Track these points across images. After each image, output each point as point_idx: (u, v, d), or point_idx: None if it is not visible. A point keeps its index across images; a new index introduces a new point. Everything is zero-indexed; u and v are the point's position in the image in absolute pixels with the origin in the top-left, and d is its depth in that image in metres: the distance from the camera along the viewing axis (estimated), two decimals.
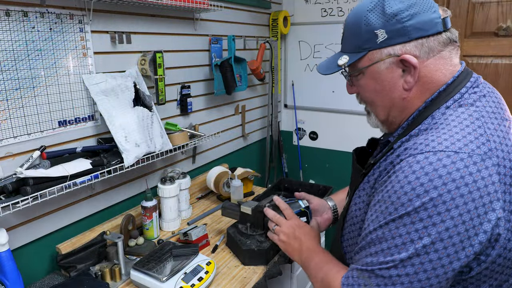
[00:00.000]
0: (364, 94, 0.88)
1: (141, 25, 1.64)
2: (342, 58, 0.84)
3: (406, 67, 0.79)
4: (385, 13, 0.77)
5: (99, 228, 1.52)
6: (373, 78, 0.83)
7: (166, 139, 1.64)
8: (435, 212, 0.67)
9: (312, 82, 2.81)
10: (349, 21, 0.85)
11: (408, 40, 0.77)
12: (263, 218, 1.44)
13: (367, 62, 0.82)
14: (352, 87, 0.91)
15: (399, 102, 0.83)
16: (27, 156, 1.26)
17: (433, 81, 0.80)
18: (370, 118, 0.93)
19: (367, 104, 0.91)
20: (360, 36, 0.81)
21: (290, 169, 3.07)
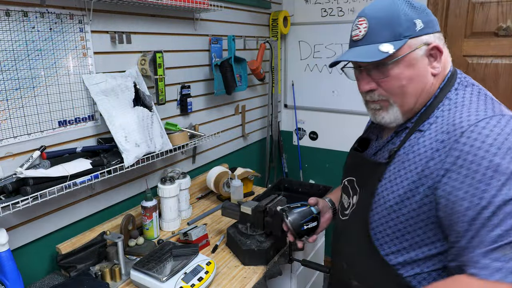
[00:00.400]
0: (394, 85, 0.89)
1: (141, 25, 1.64)
2: (384, 45, 0.85)
3: (431, 55, 0.88)
4: (414, 7, 0.87)
5: (99, 228, 1.52)
6: (410, 66, 0.87)
7: (166, 139, 1.64)
8: None
9: (312, 82, 2.81)
10: (378, 14, 0.88)
11: (434, 31, 0.88)
12: (263, 218, 1.44)
13: (407, 49, 0.86)
14: (371, 82, 0.92)
15: (428, 88, 0.90)
16: (27, 156, 1.26)
17: (445, 68, 0.92)
18: (387, 112, 0.93)
19: (393, 95, 0.91)
20: (400, 25, 0.85)
21: (290, 169, 3.07)
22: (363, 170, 1.02)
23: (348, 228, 1.04)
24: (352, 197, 1.05)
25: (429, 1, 2.30)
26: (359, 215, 0.98)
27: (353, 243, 1.00)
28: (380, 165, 0.94)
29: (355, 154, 1.10)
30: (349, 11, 2.56)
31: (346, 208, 1.07)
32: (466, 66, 2.31)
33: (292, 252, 1.43)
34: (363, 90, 0.93)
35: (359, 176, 1.03)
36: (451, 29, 2.31)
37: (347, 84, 2.64)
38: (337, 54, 2.65)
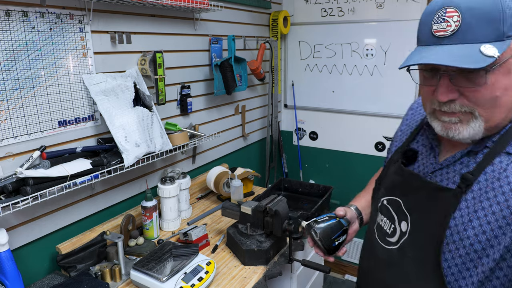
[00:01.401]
0: (484, 94, 0.71)
1: (141, 25, 1.64)
2: (487, 47, 0.66)
3: None
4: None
5: (99, 228, 1.52)
6: (508, 73, 0.70)
7: (166, 139, 1.64)
8: None
9: (312, 82, 2.81)
10: (476, 5, 0.68)
11: None
12: (263, 218, 1.44)
13: (509, 53, 0.68)
14: (452, 91, 0.72)
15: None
16: (27, 156, 1.26)
17: None
18: (468, 126, 0.74)
19: (480, 106, 0.72)
20: (504, 21, 0.66)
21: (290, 169, 3.07)
22: (419, 193, 0.82)
23: (400, 261, 0.85)
24: (399, 223, 0.86)
25: (429, 1, 2.30)
26: (423, 249, 0.80)
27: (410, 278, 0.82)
28: (451, 192, 0.75)
29: (405, 171, 0.88)
30: (349, 11, 2.56)
31: (389, 234, 0.89)
32: None
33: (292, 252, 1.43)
34: (443, 99, 0.73)
35: (410, 199, 0.84)
36: None
37: (347, 84, 2.65)
38: (337, 54, 2.65)
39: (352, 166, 2.79)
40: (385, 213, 0.91)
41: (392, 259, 0.87)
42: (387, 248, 0.89)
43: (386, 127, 2.59)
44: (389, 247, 0.88)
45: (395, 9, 2.39)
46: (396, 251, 0.86)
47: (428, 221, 0.79)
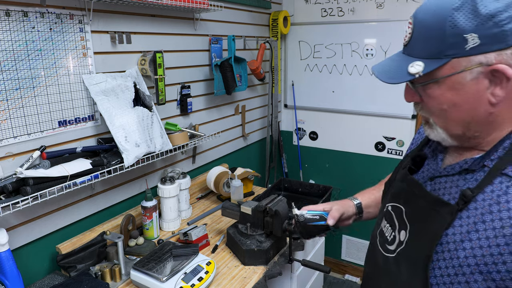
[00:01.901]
0: (434, 106, 0.74)
1: (141, 25, 1.64)
2: (414, 65, 0.70)
3: (495, 78, 0.66)
4: (478, 14, 0.64)
5: (99, 228, 1.52)
6: (453, 89, 0.69)
7: (166, 139, 1.64)
8: None
9: (312, 82, 2.81)
10: (424, 19, 0.70)
11: (505, 47, 0.64)
12: (263, 218, 1.44)
13: (449, 70, 0.68)
14: (414, 95, 0.76)
15: (483, 117, 0.70)
16: (27, 156, 1.26)
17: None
18: (432, 131, 0.78)
19: (433, 115, 0.76)
20: (442, 40, 0.66)
21: (290, 169, 3.07)
22: (418, 203, 0.81)
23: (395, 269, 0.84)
24: (398, 232, 0.85)
25: None
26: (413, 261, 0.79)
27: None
28: (448, 207, 0.73)
29: (409, 178, 0.87)
30: (349, 11, 2.56)
31: (389, 242, 0.88)
32: None
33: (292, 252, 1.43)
34: (406, 100, 0.79)
35: (411, 208, 0.83)
36: None
37: (347, 84, 2.65)
38: (337, 54, 2.66)
39: (352, 166, 2.79)
40: (389, 220, 0.89)
41: (388, 267, 0.86)
42: (385, 255, 0.88)
43: (386, 127, 2.59)
44: (387, 254, 0.87)
45: (395, 9, 2.39)
46: (393, 260, 0.84)
47: (423, 233, 0.77)
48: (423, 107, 0.76)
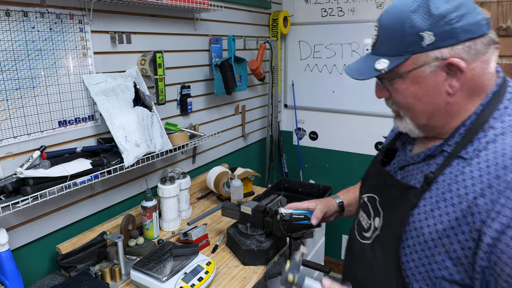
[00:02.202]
0: (401, 99, 0.82)
1: (141, 25, 1.64)
2: (380, 62, 0.78)
3: (451, 71, 0.74)
4: (431, 14, 0.73)
5: (99, 228, 1.52)
6: (415, 83, 0.78)
7: (166, 139, 1.64)
8: None
9: (312, 82, 2.81)
10: (386, 22, 0.79)
11: (456, 43, 0.73)
12: (263, 218, 1.44)
13: (410, 66, 0.77)
14: (384, 91, 0.84)
15: (443, 107, 0.79)
16: (27, 156, 1.26)
17: (479, 84, 0.77)
18: (401, 122, 0.86)
19: (401, 108, 0.84)
20: (403, 39, 0.75)
21: (290, 169, 3.07)
22: (390, 191, 0.89)
23: (371, 256, 0.91)
24: (373, 219, 0.92)
25: None
26: (386, 245, 0.86)
27: (376, 273, 0.87)
28: (414, 190, 0.81)
29: (381, 169, 0.95)
30: (349, 11, 2.56)
31: (365, 229, 0.95)
32: None
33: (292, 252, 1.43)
34: (376, 96, 0.88)
35: (384, 196, 0.91)
36: None
37: (347, 84, 2.65)
38: (337, 54, 2.66)
39: (352, 166, 2.79)
40: (365, 210, 0.97)
41: (364, 254, 0.92)
42: (362, 242, 0.94)
43: (386, 127, 2.59)
44: (364, 241, 0.94)
45: None
46: (369, 247, 0.91)
47: (394, 217, 0.85)
48: (393, 101, 0.85)
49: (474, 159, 0.74)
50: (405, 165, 0.89)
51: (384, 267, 0.85)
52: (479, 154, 0.74)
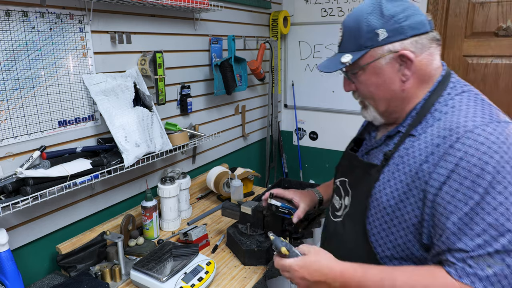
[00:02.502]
0: (364, 89, 0.95)
1: (141, 25, 1.64)
2: (345, 56, 0.92)
3: (403, 62, 0.89)
4: (383, 15, 0.88)
5: (99, 228, 1.52)
6: (375, 73, 0.91)
7: (166, 139, 1.64)
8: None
9: (312, 82, 2.81)
10: (348, 24, 0.93)
11: (405, 38, 0.87)
12: (263, 218, 1.44)
13: (369, 58, 0.90)
14: (350, 84, 0.98)
15: (399, 94, 0.92)
16: (27, 156, 1.26)
17: (427, 73, 0.91)
18: (367, 112, 1.00)
19: (366, 98, 0.98)
20: (361, 36, 0.89)
21: (290, 169, 3.07)
22: (356, 171, 1.02)
23: (342, 230, 1.03)
24: (343, 198, 1.05)
25: (429, 1, 2.30)
26: (354, 217, 0.98)
27: (348, 245, 0.98)
28: (375, 167, 0.95)
29: (350, 155, 1.09)
30: (349, 11, 2.56)
31: (337, 209, 1.08)
32: (466, 66, 2.31)
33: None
34: (345, 90, 1.01)
35: (352, 177, 1.04)
36: (451, 29, 2.31)
37: None
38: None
39: None
40: (337, 193, 1.10)
41: (337, 230, 1.05)
42: (334, 221, 1.08)
43: None
44: (336, 219, 1.07)
45: None
46: (340, 223, 1.04)
47: (360, 193, 0.98)
48: (359, 93, 0.99)
49: (422, 134, 0.88)
50: (370, 149, 1.03)
51: (354, 239, 0.97)
52: (426, 131, 0.87)
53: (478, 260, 0.75)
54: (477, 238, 0.75)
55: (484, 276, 0.74)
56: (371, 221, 0.93)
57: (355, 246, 0.96)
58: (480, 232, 0.75)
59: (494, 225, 0.74)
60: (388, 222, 0.90)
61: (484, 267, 0.74)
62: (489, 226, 0.74)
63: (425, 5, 2.32)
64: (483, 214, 0.75)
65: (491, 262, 0.74)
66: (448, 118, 0.85)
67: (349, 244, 0.96)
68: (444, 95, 0.90)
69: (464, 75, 2.33)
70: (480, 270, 0.74)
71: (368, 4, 0.90)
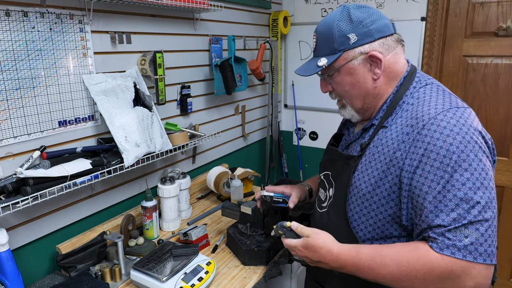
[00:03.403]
0: (340, 89, 1.05)
1: (141, 25, 1.64)
2: (321, 60, 1.00)
3: (373, 62, 0.98)
4: (352, 21, 0.97)
5: (99, 228, 1.52)
6: (349, 74, 1.00)
7: (166, 139, 1.64)
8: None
9: (312, 82, 2.81)
10: (321, 30, 1.02)
11: (373, 40, 0.97)
12: (263, 218, 1.44)
13: (343, 61, 0.99)
14: (327, 86, 1.08)
15: (372, 91, 1.02)
16: (27, 156, 1.26)
17: (394, 71, 1.01)
18: (345, 110, 1.09)
19: (343, 97, 1.07)
20: (334, 41, 0.98)
21: (290, 169, 3.07)
22: (337, 164, 1.10)
23: (327, 220, 1.11)
24: (328, 190, 1.13)
25: (429, 1, 2.30)
26: (337, 206, 1.07)
27: (333, 232, 1.03)
28: (353, 158, 1.03)
29: (331, 149, 1.18)
30: None
31: (323, 201, 1.15)
32: (466, 66, 2.31)
33: None
34: (322, 92, 1.10)
35: (334, 169, 1.12)
36: (451, 29, 2.31)
37: None
38: None
39: None
40: (322, 186, 1.18)
41: (323, 220, 1.13)
42: (320, 212, 1.16)
43: None
44: (322, 210, 1.15)
45: (395, 9, 2.39)
46: (326, 214, 1.12)
47: (341, 183, 1.06)
48: (335, 93, 1.08)
49: (392, 125, 0.97)
50: (349, 143, 1.12)
51: (337, 225, 1.06)
52: (396, 122, 0.97)
53: (455, 233, 0.82)
54: (452, 213, 0.83)
55: (462, 246, 0.81)
56: (352, 208, 1.02)
57: (339, 232, 1.04)
58: (454, 207, 0.83)
59: (464, 199, 0.82)
60: (367, 207, 0.98)
61: (462, 238, 0.81)
62: (460, 201, 0.82)
63: (425, 5, 2.32)
64: (454, 191, 0.83)
65: (467, 232, 0.81)
66: (414, 109, 0.94)
67: (334, 231, 1.02)
68: (410, 88, 0.99)
69: (464, 75, 2.33)
70: (458, 241, 0.82)
71: (338, 13, 0.99)
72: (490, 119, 2.27)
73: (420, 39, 2.35)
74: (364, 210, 0.99)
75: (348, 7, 1.00)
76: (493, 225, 0.83)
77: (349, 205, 1.02)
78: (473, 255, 0.81)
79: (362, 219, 1.00)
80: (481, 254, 0.81)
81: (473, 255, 0.81)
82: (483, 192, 0.82)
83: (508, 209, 2.33)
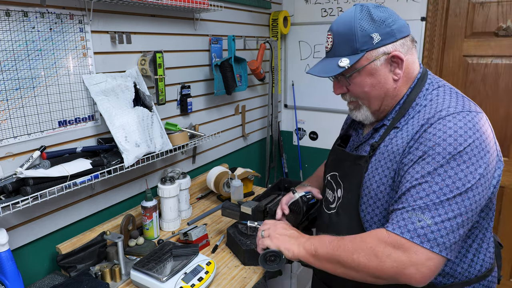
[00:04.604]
0: (359, 90, 1.02)
1: (141, 25, 1.64)
2: (342, 61, 0.97)
3: (394, 62, 0.97)
4: (374, 20, 0.94)
5: (99, 228, 1.52)
6: (370, 75, 0.98)
7: (166, 139, 1.64)
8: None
9: (312, 82, 2.81)
10: (339, 30, 0.98)
11: (395, 40, 0.96)
12: (263, 218, 1.44)
13: (365, 61, 0.97)
14: (342, 87, 1.05)
15: (391, 92, 1.01)
16: (27, 156, 1.26)
17: (411, 71, 1.01)
18: (359, 112, 1.07)
19: (360, 98, 1.04)
20: (356, 41, 0.95)
21: (290, 169, 3.07)
22: (346, 164, 1.09)
23: (336, 220, 1.10)
24: (336, 191, 1.12)
25: (429, 1, 2.30)
26: (348, 207, 1.06)
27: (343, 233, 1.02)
28: (364, 158, 1.02)
29: (338, 150, 1.17)
30: None
31: (331, 202, 1.14)
32: (466, 66, 2.31)
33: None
34: (335, 93, 1.08)
35: (342, 170, 1.11)
36: (451, 29, 2.31)
37: None
38: None
39: None
40: (329, 187, 1.16)
41: (332, 221, 1.12)
42: (329, 213, 1.14)
43: None
44: (330, 212, 1.13)
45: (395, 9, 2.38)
46: (335, 215, 1.11)
47: (352, 184, 1.05)
48: (350, 94, 1.05)
49: (404, 126, 0.97)
50: (359, 144, 1.10)
51: (348, 226, 1.05)
52: (408, 123, 0.97)
53: (411, 214, 0.85)
54: (419, 200, 0.85)
55: (413, 228, 0.83)
56: (364, 208, 1.01)
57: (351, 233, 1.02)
58: (423, 195, 0.85)
59: (436, 193, 0.84)
60: (379, 207, 0.98)
61: (415, 221, 0.84)
62: (432, 193, 0.84)
63: (425, 5, 2.32)
64: (431, 183, 0.85)
65: (422, 217, 0.84)
66: (427, 110, 0.94)
67: (345, 232, 1.02)
68: (423, 90, 0.99)
69: (464, 75, 2.33)
70: (410, 224, 0.84)
71: (357, 12, 0.97)
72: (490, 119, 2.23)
73: (420, 39, 2.35)
74: (376, 210, 0.99)
75: (367, 6, 0.97)
76: (455, 223, 0.83)
77: (361, 205, 1.01)
78: (420, 238, 0.82)
79: (374, 219, 1.00)
80: (429, 240, 0.82)
81: (420, 239, 0.82)
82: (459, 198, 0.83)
83: (508, 209, 2.33)
